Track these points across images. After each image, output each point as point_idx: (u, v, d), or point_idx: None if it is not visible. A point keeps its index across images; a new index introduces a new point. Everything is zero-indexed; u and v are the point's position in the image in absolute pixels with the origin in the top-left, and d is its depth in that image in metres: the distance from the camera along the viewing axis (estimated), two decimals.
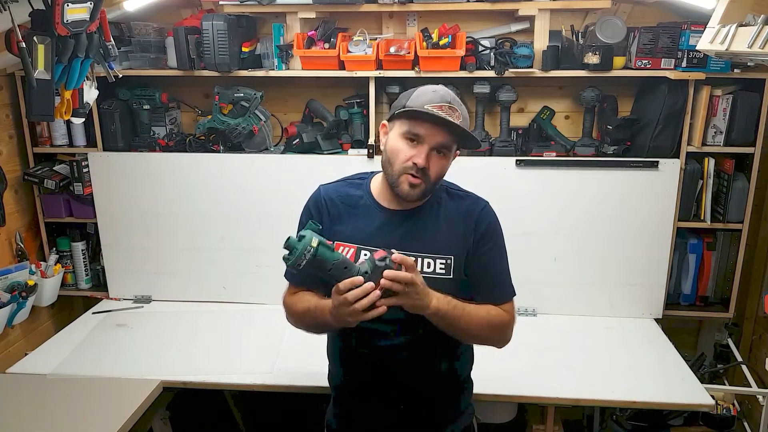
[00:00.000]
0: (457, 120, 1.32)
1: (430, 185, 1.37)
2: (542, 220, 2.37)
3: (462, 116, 1.35)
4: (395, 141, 1.36)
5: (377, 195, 1.46)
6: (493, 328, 1.43)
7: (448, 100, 1.33)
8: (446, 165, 1.38)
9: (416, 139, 1.33)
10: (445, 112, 1.31)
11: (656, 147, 2.27)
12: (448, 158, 1.38)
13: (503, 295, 1.46)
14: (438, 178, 1.38)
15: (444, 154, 1.36)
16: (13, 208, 2.42)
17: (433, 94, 1.34)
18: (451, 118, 1.31)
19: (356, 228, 1.44)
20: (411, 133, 1.33)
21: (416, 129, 1.33)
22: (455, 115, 1.32)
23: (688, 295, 2.46)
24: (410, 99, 1.35)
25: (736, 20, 1.56)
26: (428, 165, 1.33)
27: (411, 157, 1.33)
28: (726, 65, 2.15)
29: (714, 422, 2.20)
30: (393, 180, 1.37)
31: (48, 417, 1.81)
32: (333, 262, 1.22)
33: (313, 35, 2.31)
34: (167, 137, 2.52)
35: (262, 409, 2.65)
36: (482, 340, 1.48)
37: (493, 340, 1.47)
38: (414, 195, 1.36)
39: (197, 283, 2.58)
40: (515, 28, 2.42)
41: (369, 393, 1.50)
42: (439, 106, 1.31)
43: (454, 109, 1.33)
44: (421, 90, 1.36)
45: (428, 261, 1.40)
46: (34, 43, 1.44)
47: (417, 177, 1.34)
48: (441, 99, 1.33)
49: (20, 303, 2.27)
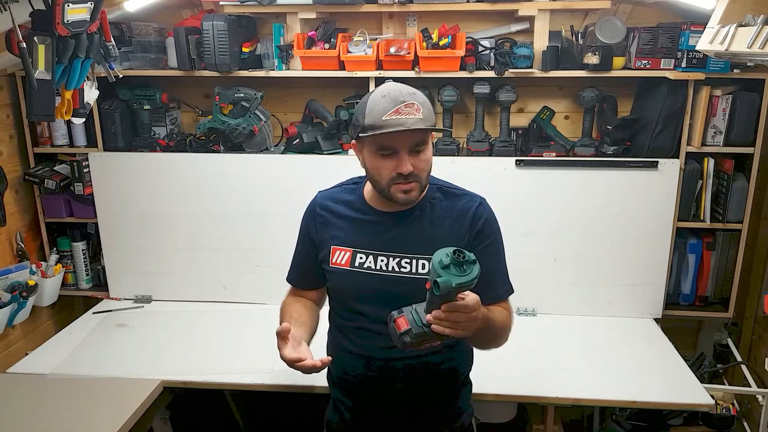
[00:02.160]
0: (417, 113, 1.29)
1: (423, 182, 1.38)
2: (542, 220, 2.38)
3: (420, 104, 1.31)
4: (372, 159, 1.36)
5: (370, 199, 1.47)
6: (505, 329, 1.43)
7: (401, 99, 1.29)
8: (429, 155, 1.38)
9: (390, 151, 1.32)
10: (403, 114, 1.28)
11: (656, 147, 2.27)
12: (428, 149, 1.37)
13: (503, 293, 1.46)
14: (428, 171, 1.38)
15: (422, 150, 1.35)
16: (13, 208, 2.43)
17: (383, 100, 1.30)
18: (411, 116, 1.28)
19: (351, 232, 1.46)
20: (384, 148, 1.33)
21: (386, 143, 1.31)
22: (414, 108, 1.29)
23: (687, 295, 2.46)
24: (366, 116, 1.32)
25: (736, 20, 1.56)
26: (413, 167, 1.32)
27: (393, 168, 1.32)
28: (725, 65, 2.15)
29: (713, 422, 2.21)
30: (385, 193, 1.37)
31: (48, 417, 1.81)
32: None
33: (313, 35, 2.32)
34: (168, 137, 2.53)
35: (262, 409, 2.65)
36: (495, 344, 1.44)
37: (501, 341, 1.45)
38: (412, 198, 1.37)
39: (197, 283, 2.58)
40: (515, 29, 2.43)
41: (368, 393, 1.50)
42: (395, 111, 1.28)
43: (411, 104, 1.29)
44: (372, 100, 1.33)
45: (423, 262, 1.40)
46: (34, 44, 1.45)
47: (408, 182, 1.34)
48: (394, 102, 1.29)
49: (21, 303, 2.28)
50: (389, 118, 1.28)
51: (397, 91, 1.32)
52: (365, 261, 1.43)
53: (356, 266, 1.43)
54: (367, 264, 1.43)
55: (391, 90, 1.32)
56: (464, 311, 1.16)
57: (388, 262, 1.42)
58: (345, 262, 1.44)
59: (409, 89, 1.34)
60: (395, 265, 1.41)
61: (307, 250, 1.53)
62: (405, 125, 1.28)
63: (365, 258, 1.43)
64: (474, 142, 2.39)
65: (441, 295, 1.11)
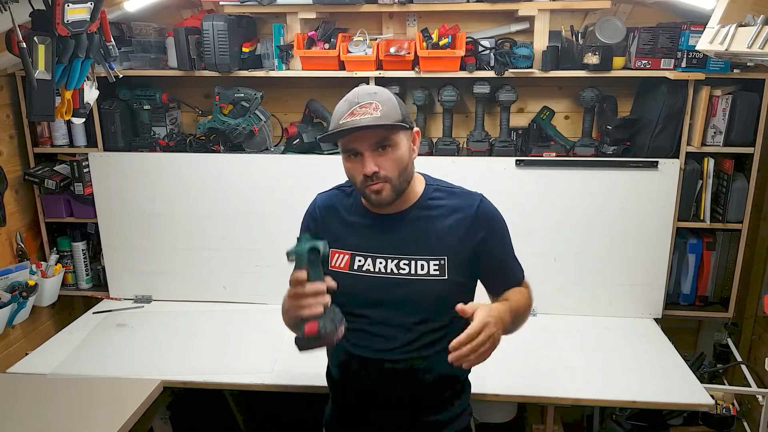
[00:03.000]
0: (374, 111, 1.29)
1: (395, 181, 1.36)
2: (542, 220, 2.38)
3: (380, 103, 1.31)
4: (344, 163, 1.39)
5: (366, 201, 1.46)
6: (528, 308, 1.48)
7: (356, 100, 1.32)
8: (401, 154, 1.35)
9: (354, 153, 1.34)
10: (358, 114, 1.29)
11: (656, 147, 2.27)
12: (398, 147, 1.35)
13: (520, 275, 1.52)
14: (401, 171, 1.36)
15: (388, 147, 1.33)
16: (13, 208, 2.43)
17: (342, 105, 1.34)
18: (366, 116, 1.29)
19: (349, 235, 1.46)
20: (347, 151, 1.35)
21: (348, 145, 1.34)
22: (371, 108, 1.30)
23: (687, 295, 2.46)
24: (331, 122, 1.36)
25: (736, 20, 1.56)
26: (378, 168, 1.32)
27: (361, 171, 1.33)
28: (725, 65, 2.16)
29: (713, 422, 2.21)
30: (364, 195, 1.40)
31: (48, 417, 1.81)
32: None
33: (313, 35, 2.32)
34: (168, 137, 2.53)
35: (262, 409, 2.65)
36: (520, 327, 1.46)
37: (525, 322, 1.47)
38: (385, 198, 1.36)
39: (197, 283, 2.58)
40: (515, 29, 2.43)
41: (367, 394, 1.50)
42: (350, 113, 1.30)
43: (368, 104, 1.31)
44: (337, 106, 1.37)
45: (422, 263, 1.40)
46: (34, 44, 1.45)
47: (375, 183, 1.34)
48: (349, 105, 1.32)
49: (21, 303, 2.28)
50: (345, 121, 1.30)
51: (356, 94, 1.34)
52: (364, 263, 1.43)
53: (355, 269, 1.44)
54: (366, 266, 1.43)
55: (351, 93, 1.36)
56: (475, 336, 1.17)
57: (387, 264, 1.42)
58: (344, 265, 1.45)
59: (370, 90, 1.35)
60: (394, 266, 1.41)
61: None
62: (355, 125, 1.29)
63: (364, 260, 1.43)
64: (474, 142, 2.39)
65: (304, 262, 1.24)
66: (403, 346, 1.43)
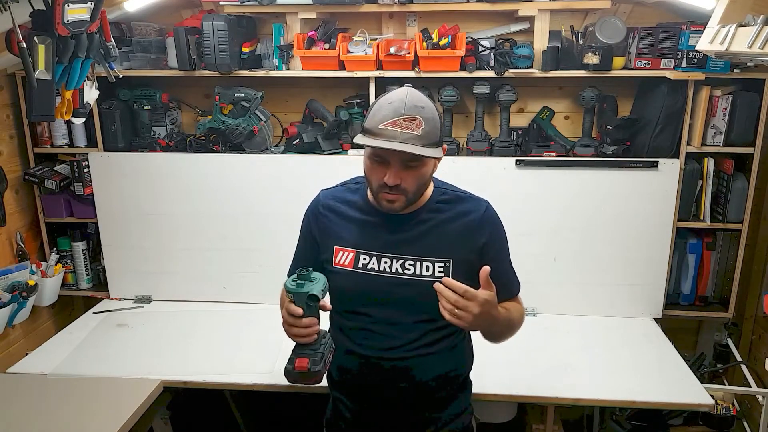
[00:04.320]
0: (416, 129, 1.26)
1: (410, 196, 1.36)
2: (542, 220, 2.38)
3: (424, 120, 1.28)
4: (367, 162, 1.37)
5: (374, 200, 1.46)
6: (521, 321, 1.49)
7: (402, 111, 1.27)
8: (424, 173, 1.36)
9: (382, 159, 1.32)
10: (400, 127, 1.26)
11: (656, 147, 2.27)
12: (425, 165, 1.34)
13: (516, 290, 1.52)
14: (419, 187, 1.37)
15: (415, 166, 1.32)
16: (13, 208, 2.43)
17: (388, 108, 1.28)
18: (408, 131, 1.26)
19: (354, 233, 1.46)
20: (375, 156, 1.33)
21: (378, 152, 1.31)
22: (415, 124, 1.27)
23: (687, 295, 2.46)
24: (369, 117, 1.32)
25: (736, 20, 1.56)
26: (400, 181, 1.32)
27: (382, 176, 1.32)
28: (725, 65, 2.16)
29: (713, 422, 2.20)
30: (374, 196, 1.39)
31: (48, 417, 1.81)
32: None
33: (313, 35, 2.32)
34: (168, 137, 2.53)
35: (262, 409, 2.65)
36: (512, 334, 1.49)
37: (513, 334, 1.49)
38: (395, 209, 1.37)
39: (197, 283, 2.58)
40: (515, 29, 2.43)
41: (368, 392, 1.50)
42: (393, 122, 1.26)
43: (413, 119, 1.27)
44: (379, 104, 1.32)
45: (427, 264, 1.40)
46: (34, 44, 1.45)
47: (393, 194, 1.34)
48: (395, 113, 1.27)
49: (21, 303, 2.28)
50: (385, 128, 1.27)
51: (402, 101, 1.29)
52: (369, 262, 1.43)
53: (360, 267, 1.43)
54: (371, 265, 1.43)
55: (399, 98, 1.30)
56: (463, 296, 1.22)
57: (392, 263, 1.42)
58: (348, 263, 1.44)
59: (418, 101, 1.30)
60: (399, 266, 1.41)
61: (310, 247, 1.53)
62: (396, 139, 1.26)
63: (369, 259, 1.43)
64: (474, 142, 2.39)
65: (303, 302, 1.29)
66: (404, 345, 1.43)
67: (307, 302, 1.30)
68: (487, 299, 1.24)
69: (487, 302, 1.24)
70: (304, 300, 1.29)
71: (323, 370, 1.33)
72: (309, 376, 1.31)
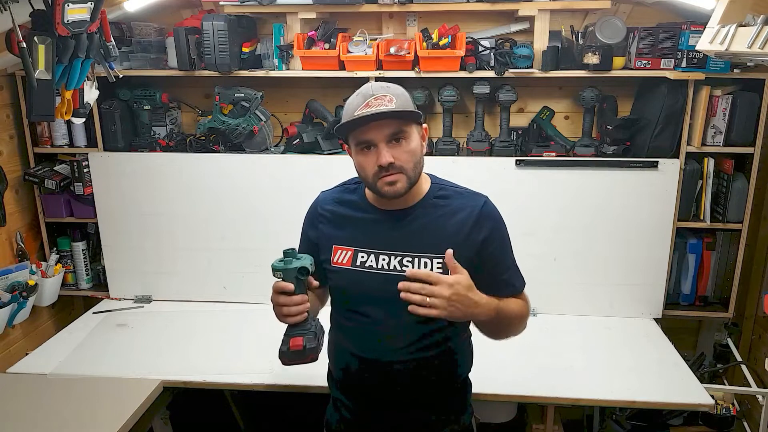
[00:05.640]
0: (389, 103, 1.30)
1: (410, 173, 1.36)
2: (542, 220, 2.38)
3: (394, 96, 1.32)
4: (356, 157, 1.38)
5: (371, 198, 1.47)
6: (523, 318, 1.49)
7: (371, 93, 1.32)
8: (414, 147, 1.36)
9: (368, 145, 1.34)
10: (373, 105, 1.30)
11: (656, 147, 2.27)
12: (411, 139, 1.36)
13: (519, 286, 1.50)
14: (415, 163, 1.37)
15: (402, 139, 1.34)
16: (13, 208, 2.43)
17: (356, 98, 1.34)
18: (380, 108, 1.29)
19: (353, 232, 1.46)
20: (361, 143, 1.34)
21: (361, 137, 1.33)
22: (386, 99, 1.31)
23: (687, 295, 2.46)
24: (343, 115, 1.37)
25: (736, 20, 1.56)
26: (393, 159, 1.32)
27: (375, 162, 1.33)
28: (725, 65, 2.16)
29: (713, 422, 2.20)
30: (374, 189, 1.39)
31: (48, 417, 1.81)
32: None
33: (313, 35, 2.32)
34: (168, 137, 2.53)
35: (262, 409, 2.65)
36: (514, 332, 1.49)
37: (520, 330, 1.50)
38: (399, 190, 1.36)
39: (197, 283, 2.58)
40: (515, 29, 2.43)
41: (368, 393, 1.50)
42: (365, 104, 1.31)
43: (383, 96, 1.31)
44: (348, 101, 1.37)
45: (425, 261, 1.40)
46: (34, 44, 1.44)
47: (391, 174, 1.34)
48: (364, 97, 1.32)
49: (21, 303, 2.28)
50: (360, 112, 1.30)
51: (369, 87, 1.35)
52: (366, 260, 1.43)
53: (357, 265, 1.43)
54: (369, 263, 1.43)
55: (364, 87, 1.36)
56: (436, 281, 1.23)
57: (390, 260, 1.41)
58: (346, 261, 1.44)
59: (383, 84, 1.37)
60: (397, 263, 1.41)
61: (307, 249, 1.53)
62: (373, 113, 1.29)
63: (366, 257, 1.43)
64: (474, 142, 2.39)
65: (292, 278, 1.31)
66: (404, 346, 1.43)
67: (297, 276, 1.31)
68: (457, 280, 1.25)
69: (458, 283, 1.24)
70: (294, 275, 1.31)
71: (318, 347, 1.34)
72: (305, 354, 1.33)
